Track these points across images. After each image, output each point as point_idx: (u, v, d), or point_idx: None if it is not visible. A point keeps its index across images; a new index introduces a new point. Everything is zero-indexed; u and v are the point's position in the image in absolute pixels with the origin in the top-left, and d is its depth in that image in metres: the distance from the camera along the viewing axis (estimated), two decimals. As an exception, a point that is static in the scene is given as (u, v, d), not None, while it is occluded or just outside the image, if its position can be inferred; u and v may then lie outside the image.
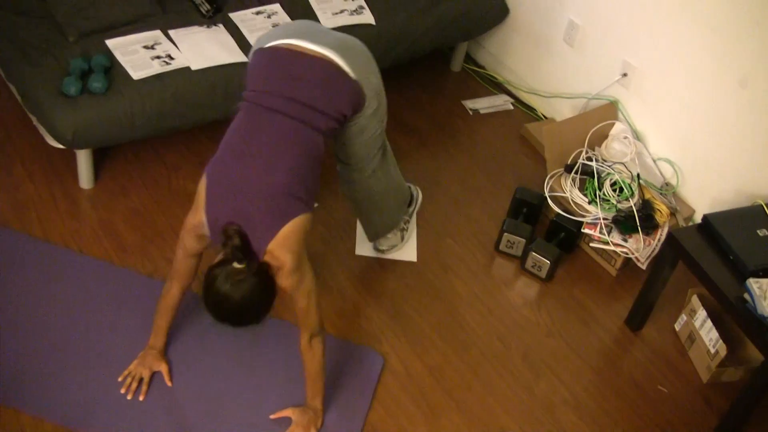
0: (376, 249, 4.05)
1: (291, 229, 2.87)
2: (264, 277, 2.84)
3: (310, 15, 4.39)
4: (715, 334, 3.66)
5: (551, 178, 4.31)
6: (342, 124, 3.20)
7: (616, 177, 4.15)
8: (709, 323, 3.70)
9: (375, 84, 3.30)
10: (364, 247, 4.08)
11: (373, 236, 3.99)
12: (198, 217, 2.93)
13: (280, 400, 3.36)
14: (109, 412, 3.22)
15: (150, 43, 4.05)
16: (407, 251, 4.11)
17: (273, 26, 4.27)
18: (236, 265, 2.77)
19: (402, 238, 4.09)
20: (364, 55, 3.28)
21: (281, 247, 2.86)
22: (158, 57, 3.98)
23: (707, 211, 3.91)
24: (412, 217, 4.20)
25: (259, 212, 2.85)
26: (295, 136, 2.99)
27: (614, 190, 4.14)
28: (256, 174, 2.89)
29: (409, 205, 4.14)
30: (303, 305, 3.01)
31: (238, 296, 2.77)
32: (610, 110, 4.51)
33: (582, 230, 4.11)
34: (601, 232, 4.05)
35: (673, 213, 4.17)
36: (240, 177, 2.89)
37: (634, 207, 4.04)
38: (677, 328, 3.94)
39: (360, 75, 3.18)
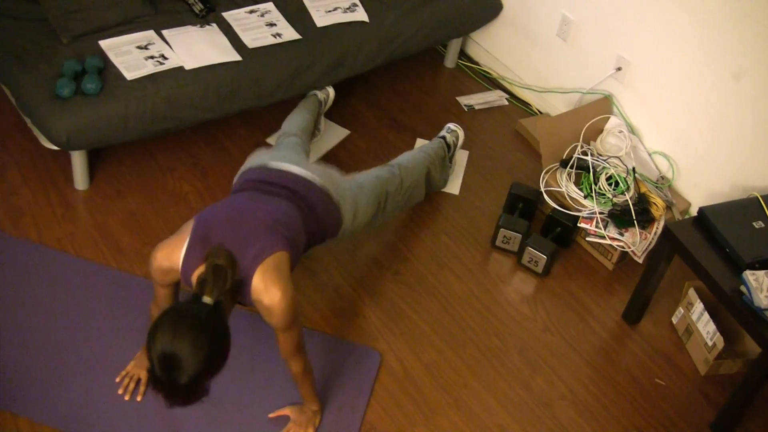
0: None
1: (276, 262, 2.85)
2: (222, 324, 2.68)
3: (303, 13, 4.39)
4: (712, 326, 3.66)
5: (547, 173, 4.30)
6: (323, 235, 3.36)
7: (612, 171, 4.15)
8: (706, 316, 3.70)
9: (350, 204, 3.47)
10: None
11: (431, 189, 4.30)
12: (168, 251, 2.88)
13: (278, 400, 3.36)
14: (106, 415, 3.22)
15: (143, 44, 4.04)
16: (452, 185, 4.46)
17: (267, 25, 4.26)
18: (206, 299, 2.65)
19: (445, 181, 4.41)
20: (340, 181, 3.48)
21: (272, 277, 2.81)
22: (152, 57, 3.98)
23: (703, 204, 3.92)
24: (455, 157, 4.51)
25: (250, 236, 2.85)
26: (290, 209, 3.12)
27: (610, 185, 4.14)
28: (250, 212, 2.95)
29: (448, 150, 4.37)
30: (296, 339, 2.96)
31: (190, 338, 2.54)
32: (604, 105, 4.51)
33: (578, 225, 4.11)
34: (597, 227, 4.05)
35: (668, 206, 4.17)
36: (234, 216, 2.93)
37: (629, 201, 4.04)
38: (674, 322, 3.94)
39: (338, 196, 3.40)
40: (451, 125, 4.46)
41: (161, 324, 2.56)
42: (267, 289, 2.80)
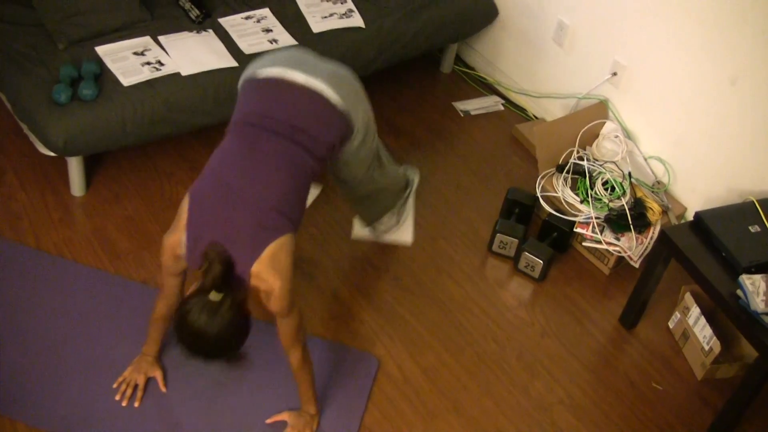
0: (372, 231, 4.09)
1: (277, 248, 2.84)
2: (240, 310, 2.80)
3: (300, 19, 4.39)
4: (708, 331, 3.67)
5: (543, 178, 4.31)
6: (331, 153, 3.17)
7: (608, 176, 4.16)
8: (702, 320, 3.71)
9: (363, 116, 3.28)
10: (360, 231, 4.12)
11: (370, 222, 4.03)
12: (176, 236, 2.88)
13: (275, 405, 3.36)
14: (104, 419, 3.22)
15: (140, 50, 4.05)
16: (403, 232, 4.18)
17: (263, 30, 4.27)
18: (213, 296, 2.72)
19: (397, 221, 4.13)
20: (352, 86, 3.26)
21: (269, 268, 2.81)
22: (148, 63, 3.98)
23: (699, 208, 3.93)
24: (409, 199, 4.21)
25: (244, 228, 2.81)
26: (284, 157, 2.96)
27: (606, 189, 4.15)
28: (243, 190, 2.86)
29: (405, 188, 4.15)
30: (294, 327, 2.97)
31: (214, 331, 2.72)
32: (600, 109, 4.52)
33: (574, 230, 4.12)
34: (593, 231, 4.05)
35: (665, 211, 4.18)
36: (225, 196, 2.86)
37: (626, 205, 4.05)
38: (671, 326, 3.95)
39: (348, 105, 3.16)
40: (409, 166, 4.31)
41: (182, 319, 2.74)
42: (264, 277, 2.82)
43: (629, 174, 4.20)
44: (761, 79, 3.76)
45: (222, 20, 4.30)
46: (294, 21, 4.38)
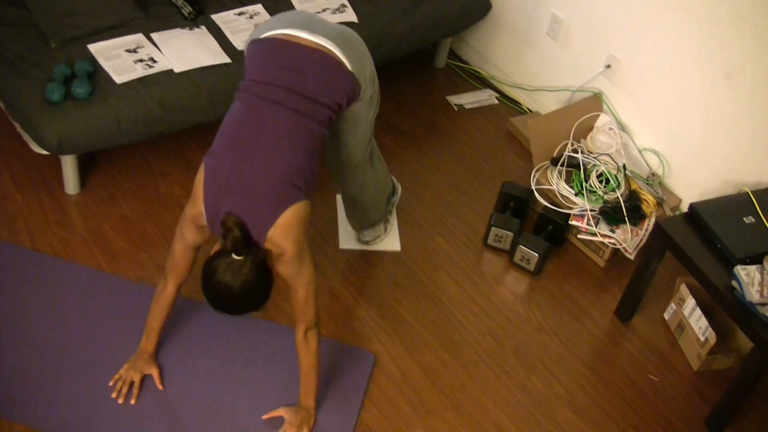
0: (361, 241, 4.08)
1: (291, 216, 2.88)
2: (263, 266, 2.89)
3: (293, 15, 4.38)
4: (704, 322, 3.68)
5: (537, 171, 4.32)
6: (338, 114, 3.19)
7: (602, 169, 4.16)
8: (698, 312, 3.72)
9: (369, 73, 3.29)
10: (348, 242, 4.10)
11: (361, 227, 4.04)
12: (197, 208, 2.93)
13: (272, 401, 3.36)
14: (101, 419, 3.22)
15: (132, 47, 4.04)
16: (391, 241, 4.15)
17: (255, 27, 4.26)
18: (235, 257, 2.81)
19: (385, 229, 4.13)
20: (360, 46, 3.28)
21: (282, 235, 2.87)
22: (141, 60, 3.97)
23: (694, 200, 3.92)
24: (393, 208, 4.23)
25: (258, 200, 2.86)
26: (294, 127, 2.98)
27: (601, 182, 4.15)
28: (256, 164, 2.89)
29: (392, 196, 4.16)
30: (302, 295, 3.01)
31: (239, 286, 2.81)
32: (594, 102, 4.52)
33: (569, 222, 4.12)
34: (588, 224, 4.06)
35: (659, 203, 4.19)
36: (239, 167, 2.89)
37: (620, 198, 4.05)
38: (667, 318, 3.95)
39: (356, 65, 3.17)
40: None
41: (208, 282, 2.86)
42: (277, 242, 2.89)
43: (624, 166, 4.20)
44: (756, 72, 3.77)
45: (215, 17, 4.29)
46: (287, 17, 4.37)
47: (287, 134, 2.96)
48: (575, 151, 4.28)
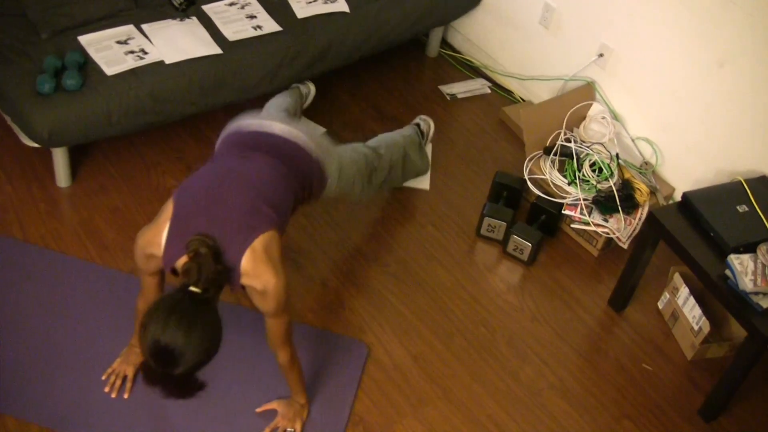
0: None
1: (269, 240, 2.81)
2: (215, 312, 2.67)
3: (284, 5, 4.36)
4: (698, 311, 3.67)
5: (530, 160, 4.31)
6: (310, 194, 3.30)
7: (595, 158, 4.15)
8: (691, 301, 3.71)
9: (334, 162, 3.43)
10: None
11: (404, 180, 4.28)
12: (151, 232, 2.82)
13: (266, 394, 3.36)
14: (93, 412, 3.21)
15: (123, 38, 4.02)
16: (422, 180, 4.41)
17: (247, 17, 4.25)
18: (194, 289, 2.60)
19: (424, 168, 4.38)
20: (325, 141, 3.43)
21: (263, 261, 2.77)
22: (132, 52, 3.96)
23: (687, 189, 3.92)
24: (425, 147, 4.45)
25: (234, 214, 2.79)
26: (274, 165, 3.03)
27: (594, 171, 4.14)
28: (232, 193, 2.85)
29: (421, 141, 4.34)
30: (284, 326, 2.95)
31: (189, 334, 2.54)
32: (587, 91, 4.51)
33: (563, 212, 4.11)
34: (581, 213, 4.05)
35: (653, 192, 4.18)
36: (215, 186, 2.86)
37: (613, 187, 4.05)
38: (660, 307, 3.95)
39: (322, 155, 3.32)
40: (423, 116, 4.48)
41: (152, 317, 2.54)
42: (258, 273, 2.77)
43: (617, 155, 4.19)
44: (749, 61, 3.76)
45: (206, 7, 4.28)
46: (278, 7, 4.36)
47: (266, 164, 3.02)
48: (568, 140, 4.27)
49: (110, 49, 3.95)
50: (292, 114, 4.06)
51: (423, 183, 4.38)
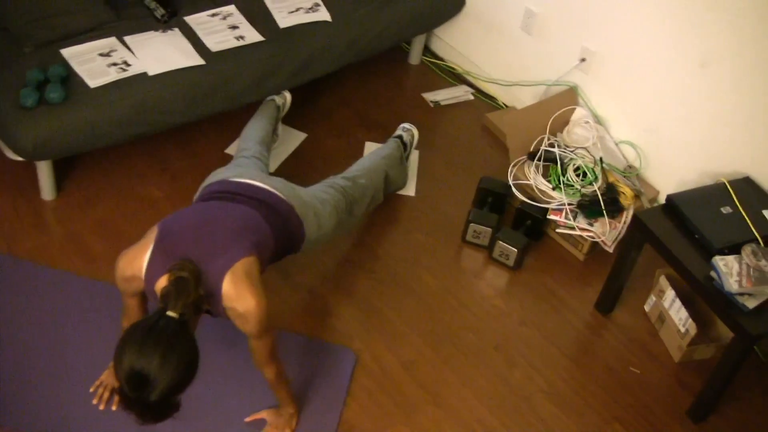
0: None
1: (250, 264, 2.84)
2: (191, 336, 2.66)
3: (266, 15, 4.37)
4: (684, 313, 3.69)
5: (515, 166, 4.32)
6: (289, 246, 3.32)
7: (579, 162, 4.16)
8: (678, 303, 3.73)
9: (312, 217, 3.42)
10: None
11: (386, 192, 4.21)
12: (132, 254, 2.84)
13: (255, 403, 3.36)
14: (80, 424, 3.20)
15: (106, 51, 4.02)
16: (407, 186, 4.42)
17: (229, 27, 4.25)
18: (171, 313, 2.60)
19: (405, 181, 4.38)
20: (303, 197, 3.43)
21: (245, 283, 2.79)
22: (115, 64, 3.95)
23: (671, 191, 3.93)
24: (407, 159, 4.46)
25: (217, 237, 2.84)
26: (256, 212, 3.09)
27: (578, 175, 4.16)
28: (213, 222, 2.92)
29: (402, 153, 4.33)
30: (269, 346, 2.96)
31: (168, 357, 2.52)
32: (570, 96, 4.52)
33: (548, 217, 4.12)
34: (566, 218, 4.06)
35: (637, 195, 4.20)
36: (197, 225, 2.90)
37: (598, 191, 4.06)
38: (647, 309, 3.96)
39: (301, 209, 3.35)
40: (406, 124, 4.50)
41: (127, 342, 2.52)
42: (240, 296, 2.78)
43: (601, 159, 4.21)
44: (731, 62, 3.78)
45: (188, 18, 4.28)
46: (260, 17, 4.36)
47: (250, 215, 3.06)
48: (552, 145, 4.29)
49: (93, 62, 3.95)
50: (268, 141, 4.06)
51: (408, 189, 4.40)
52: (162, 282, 2.76)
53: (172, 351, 2.52)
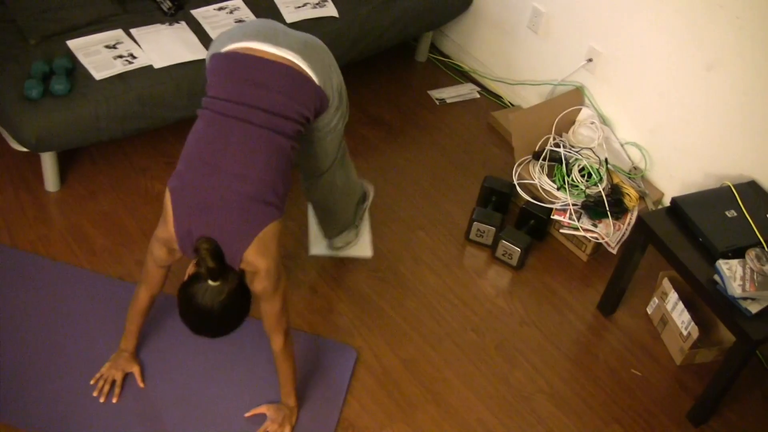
0: (332, 247, 4.01)
1: (265, 236, 2.84)
2: (241, 287, 2.86)
3: (273, 9, 4.36)
4: (687, 316, 3.68)
5: (519, 165, 4.31)
6: (306, 127, 3.11)
7: (584, 162, 4.16)
8: (680, 306, 3.72)
9: (336, 83, 3.20)
10: (317, 248, 4.03)
11: (332, 234, 3.95)
12: (168, 231, 2.87)
13: (254, 398, 3.35)
14: (82, 417, 3.20)
15: (112, 43, 4.01)
16: (362, 247, 4.08)
17: (236, 21, 4.24)
18: (212, 282, 2.78)
19: (356, 235, 4.07)
20: (325, 55, 3.18)
21: (257, 254, 2.83)
22: (120, 56, 3.95)
23: (676, 193, 3.93)
24: (365, 214, 4.16)
25: (231, 222, 2.80)
26: (262, 143, 2.90)
27: (583, 176, 4.15)
28: (225, 184, 2.82)
29: (362, 201, 4.08)
30: (277, 309, 2.99)
31: (219, 311, 2.80)
32: (576, 96, 4.51)
33: (552, 217, 4.12)
34: (570, 218, 4.05)
35: (642, 197, 4.19)
36: (208, 188, 2.82)
37: (602, 192, 4.05)
38: (649, 312, 3.95)
39: (322, 76, 3.09)
40: (364, 181, 4.19)
41: (191, 300, 2.81)
42: (252, 261, 2.84)
43: (606, 160, 4.20)
44: (737, 65, 3.77)
45: (194, 12, 4.27)
46: (267, 11, 4.35)
47: (255, 150, 2.88)
48: (557, 145, 4.28)
49: (99, 54, 3.94)
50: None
51: (365, 250, 4.09)
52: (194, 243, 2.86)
53: (228, 310, 2.85)
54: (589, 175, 4.14)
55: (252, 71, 2.99)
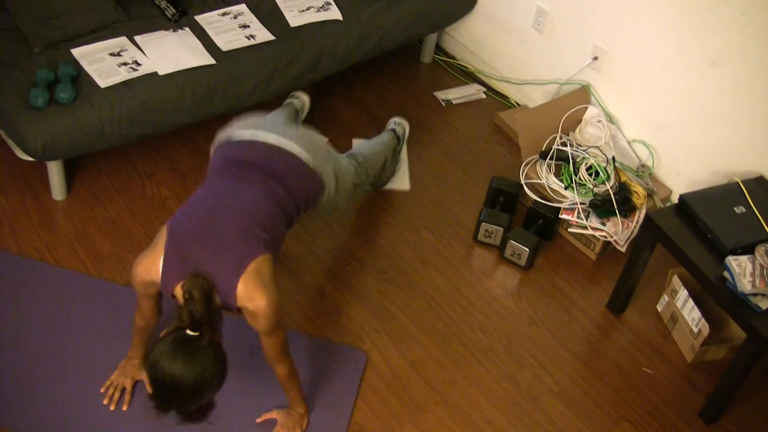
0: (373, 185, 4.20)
1: (260, 264, 2.84)
2: (218, 348, 2.80)
3: (277, 13, 4.36)
4: (697, 313, 3.66)
5: (526, 165, 4.30)
6: (306, 208, 3.27)
7: (592, 161, 4.14)
8: (690, 303, 3.70)
9: (332, 172, 3.39)
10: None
11: (373, 185, 4.18)
12: (149, 260, 2.86)
13: (265, 403, 3.35)
14: (91, 424, 3.20)
15: (116, 50, 4.02)
16: (401, 180, 4.43)
17: (240, 27, 4.24)
18: (190, 332, 2.69)
19: (395, 171, 4.39)
20: (322, 148, 3.38)
21: (255, 284, 2.81)
22: (125, 63, 3.95)
23: (684, 191, 3.91)
24: (403, 149, 4.50)
25: (226, 239, 2.83)
26: (266, 186, 3.04)
27: (590, 175, 4.13)
28: (224, 208, 2.92)
29: (399, 142, 4.37)
30: (279, 344, 2.98)
31: (190, 372, 2.67)
32: (582, 95, 4.50)
33: (560, 216, 4.10)
34: (578, 217, 4.04)
35: (650, 194, 4.17)
36: (207, 213, 2.90)
37: (610, 190, 4.04)
38: (659, 310, 3.94)
39: (319, 164, 3.26)
40: (397, 118, 4.52)
41: (157, 363, 2.67)
42: (251, 296, 2.80)
43: (613, 158, 4.19)
44: (743, 61, 3.75)
45: (198, 18, 4.27)
46: (271, 16, 4.35)
47: (258, 187, 3.03)
48: (564, 144, 4.27)
49: (103, 61, 3.94)
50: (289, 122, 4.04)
51: (401, 183, 4.42)
52: (178, 289, 2.81)
53: (202, 370, 2.69)
54: (597, 173, 4.13)
55: (257, 150, 3.19)
